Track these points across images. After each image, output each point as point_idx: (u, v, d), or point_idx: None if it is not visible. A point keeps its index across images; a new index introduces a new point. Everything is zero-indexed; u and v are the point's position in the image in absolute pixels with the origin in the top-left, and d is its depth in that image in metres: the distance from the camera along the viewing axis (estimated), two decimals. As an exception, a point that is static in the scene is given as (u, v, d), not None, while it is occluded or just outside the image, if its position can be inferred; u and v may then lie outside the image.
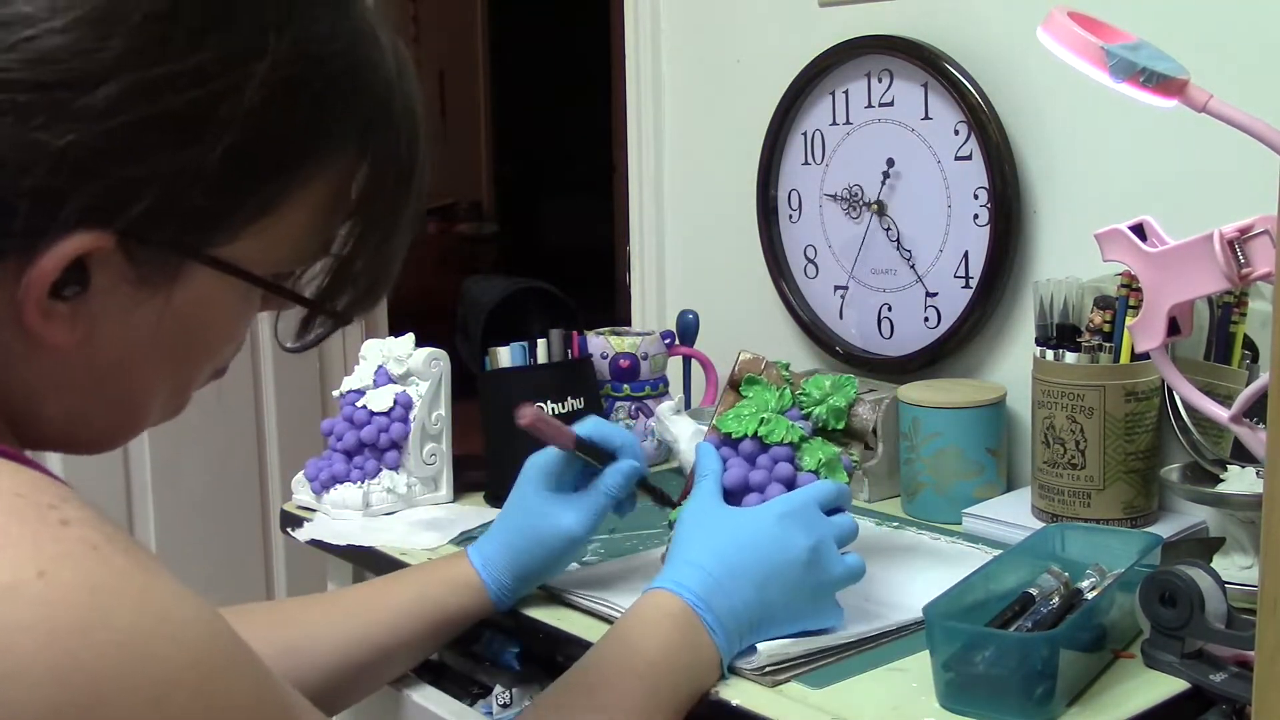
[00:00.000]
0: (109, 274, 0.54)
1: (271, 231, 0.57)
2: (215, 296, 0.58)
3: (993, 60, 1.37)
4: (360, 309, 0.64)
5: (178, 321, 0.57)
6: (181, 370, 0.62)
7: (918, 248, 1.46)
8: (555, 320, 1.45)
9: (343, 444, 1.38)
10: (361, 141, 0.59)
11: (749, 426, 1.01)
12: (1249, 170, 1.03)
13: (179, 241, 0.54)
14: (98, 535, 0.50)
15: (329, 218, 0.60)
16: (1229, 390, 1.11)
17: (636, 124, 1.83)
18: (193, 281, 0.56)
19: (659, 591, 0.90)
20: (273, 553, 2.56)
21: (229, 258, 0.56)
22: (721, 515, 0.96)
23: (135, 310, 0.55)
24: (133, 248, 0.53)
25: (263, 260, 0.58)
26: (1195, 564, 0.91)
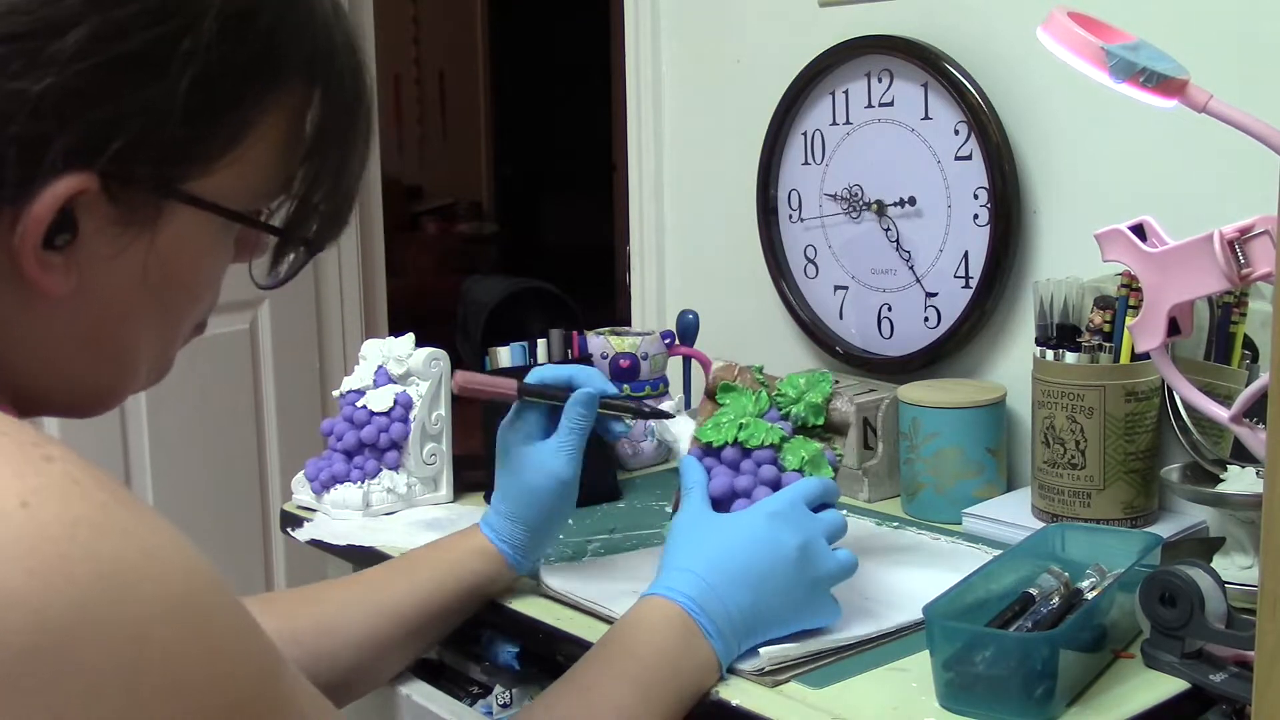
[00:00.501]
0: (95, 218, 0.57)
1: (239, 167, 0.61)
2: (194, 236, 0.61)
3: (993, 60, 1.37)
4: (326, 237, 0.68)
5: (161, 264, 0.60)
6: (168, 319, 0.65)
7: (917, 248, 1.46)
8: (555, 320, 1.45)
9: (343, 444, 1.38)
10: (309, 73, 0.63)
11: (728, 434, 1.02)
12: (1249, 170, 1.04)
13: (156, 177, 0.58)
14: (81, 472, 0.51)
15: (289, 151, 0.64)
16: (1229, 390, 1.11)
17: (636, 124, 1.83)
18: (173, 222, 0.60)
19: (653, 598, 0.91)
20: (273, 553, 2.56)
21: (203, 194, 0.60)
22: (710, 521, 0.96)
23: (122, 254, 0.59)
24: (115, 189, 0.57)
25: (234, 196, 0.61)
26: (1195, 564, 0.91)
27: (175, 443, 2.36)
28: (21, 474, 0.49)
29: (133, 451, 2.30)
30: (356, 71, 0.66)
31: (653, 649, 0.87)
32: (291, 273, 0.69)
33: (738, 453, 1.01)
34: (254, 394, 2.53)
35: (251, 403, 2.53)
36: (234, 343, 2.48)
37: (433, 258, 5.96)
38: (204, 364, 2.38)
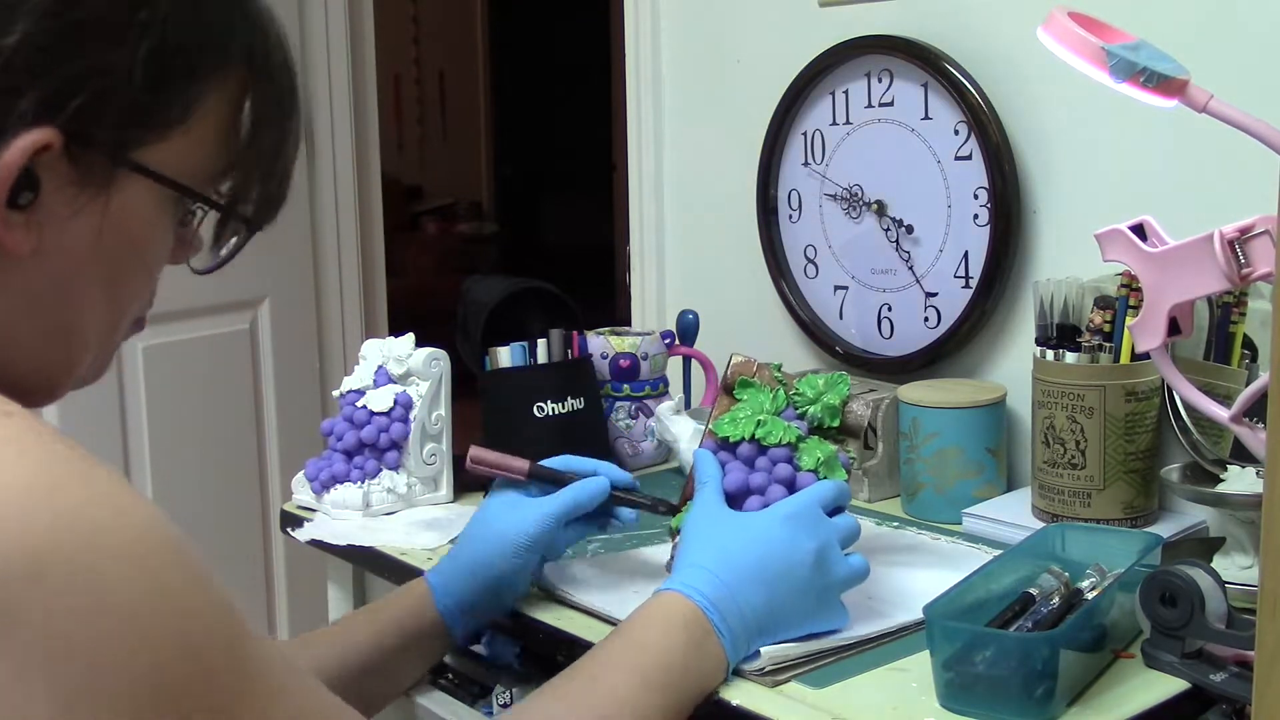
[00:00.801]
0: (55, 178, 0.60)
1: (186, 143, 0.65)
2: (143, 207, 0.65)
3: (993, 60, 1.37)
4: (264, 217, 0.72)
5: (113, 231, 0.63)
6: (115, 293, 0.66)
7: (917, 248, 1.46)
8: (555, 320, 1.45)
9: (343, 444, 1.38)
10: (249, 61, 0.68)
11: (746, 429, 1.01)
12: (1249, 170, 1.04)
13: (113, 141, 0.62)
14: (41, 426, 0.54)
15: (230, 133, 0.68)
16: (1228, 390, 1.11)
17: (636, 124, 1.83)
18: (125, 189, 0.63)
19: (669, 594, 0.90)
20: (273, 553, 2.56)
21: (153, 165, 0.64)
22: (727, 519, 0.96)
23: (78, 216, 0.62)
24: (74, 151, 0.60)
25: (180, 170, 0.65)
26: (1195, 564, 0.91)
27: (175, 443, 2.36)
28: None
29: (133, 451, 2.30)
30: (290, 65, 0.71)
31: (665, 645, 0.87)
32: (231, 253, 0.72)
33: (754, 449, 1.01)
34: (254, 394, 2.53)
35: (251, 403, 2.53)
36: (234, 343, 2.48)
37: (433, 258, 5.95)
38: (204, 364, 2.38)
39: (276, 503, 2.47)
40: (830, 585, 0.95)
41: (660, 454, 1.53)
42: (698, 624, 0.88)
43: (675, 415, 1.45)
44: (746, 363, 1.07)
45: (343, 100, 2.68)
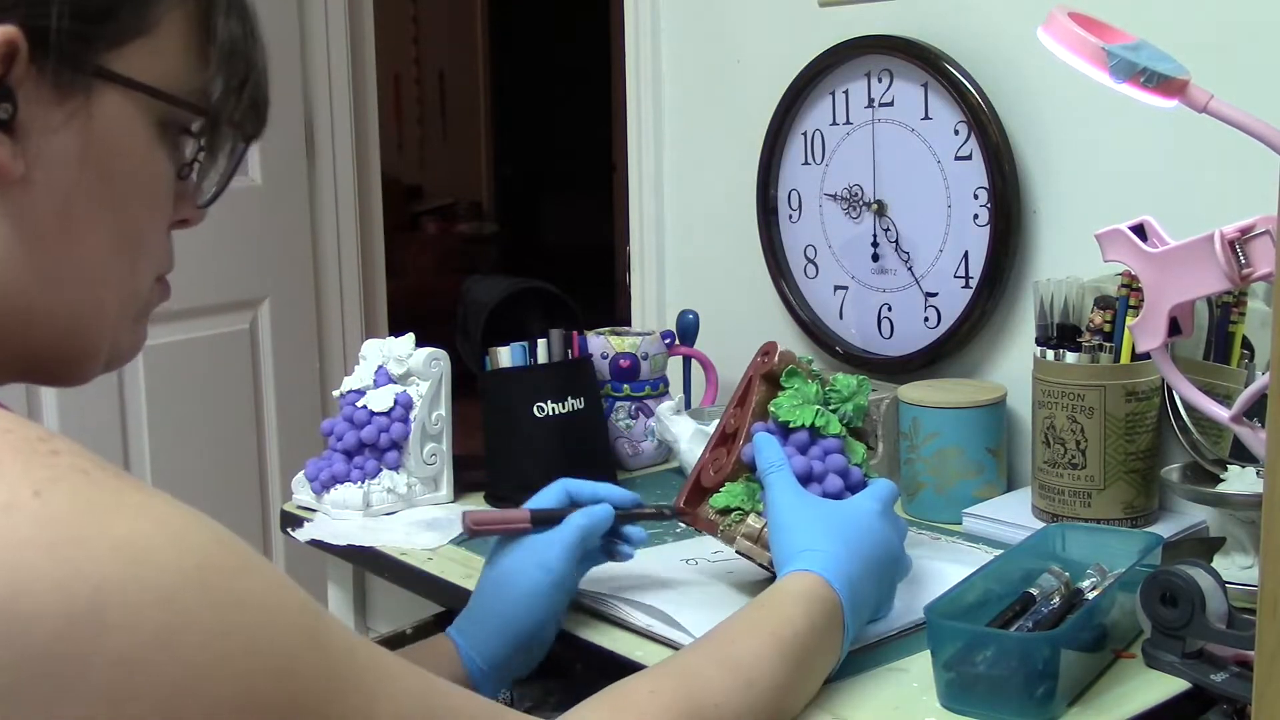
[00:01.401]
0: (28, 89, 0.58)
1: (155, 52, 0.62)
2: (128, 121, 0.62)
3: (993, 60, 1.37)
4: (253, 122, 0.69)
5: (101, 149, 0.61)
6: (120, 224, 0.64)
7: (917, 248, 1.46)
8: (555, 320, 1.45)
9: (343, 444, 1.38)
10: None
11: (806, 416, 1.02)
12: (1249, 170, 1.04)
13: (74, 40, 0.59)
14: (88, 463, 0.51)
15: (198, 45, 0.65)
16: (1228, 390, 1.11)
17: (636, 124, 1.83)
18: (105, 103, 0.61)
19: (810, 575, 0.89)
20: (273, 553, 2.56)
21: (126, 72, 0.61)
22: (828, 506, 0.96)
23: (60, 132, 0.59)
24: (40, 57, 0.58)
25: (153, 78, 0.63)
26: (1196, 564, 0.91)
27: (175, 443, 2.36)
28: (30, 467, 0.49)
29: (133, 451, 2.30)
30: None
31: (807, 623, 0.86)
32: (231, 170, 0.70)
33: (807, 438, 1.02)
34: (254, 394, 2.53)
35: (251, 403, 2.53)
36: (234, 343, 2.48)
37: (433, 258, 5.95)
38: (204, 364, 2.38)
39: (276, 503, 2.47)
40: (899, 577, 0.99)
41: (660, 454, 1.53)
42: (833, 606, 0.88)
43: (675, 415, 1.45)
44: (789, 353, 1.07)
45: (343, 100, 2.68)
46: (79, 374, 0.66)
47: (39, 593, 0.46)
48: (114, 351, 0.67)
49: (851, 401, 1.05)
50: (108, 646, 0.47)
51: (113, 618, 0.47)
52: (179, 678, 0.48)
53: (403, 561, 1.24)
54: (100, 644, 0.47)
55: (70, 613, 0.46)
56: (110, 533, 0.49)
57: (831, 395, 1.05)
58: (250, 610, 0.51)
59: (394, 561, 1.25)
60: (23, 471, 0.49)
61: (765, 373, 1.06)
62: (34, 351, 0.62)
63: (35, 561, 0.47)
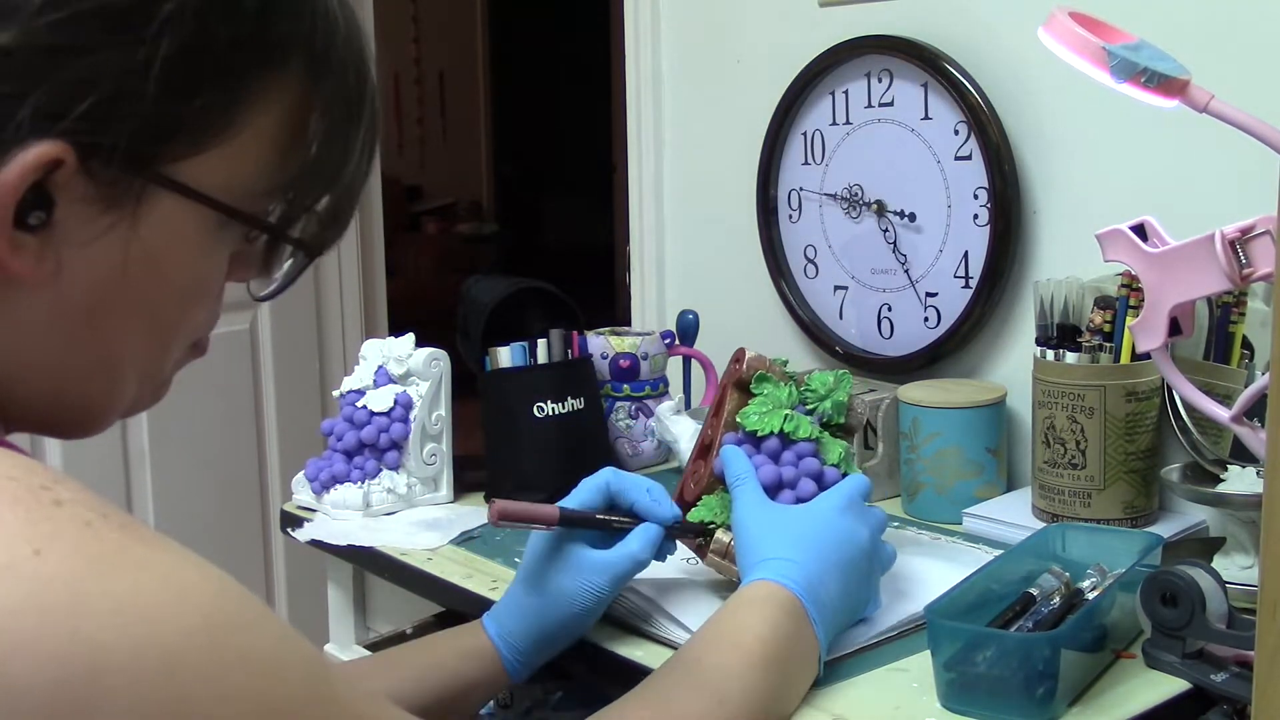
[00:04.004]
0: (72, 197, 0.54)
1: (229, 158, 0.58)
2: (180, 227, 0.58)
3: (993, 60, 1.37)
4: (325, 240, 0.64)
5: (145, 256, 0.57)
6: (155, 323, 0.61)
7: (917, 248, 1.46)
8: (555, 320, 1.45)
9: (343, 444, 1.38)
10: (308, 62, 0.59)
11: (773, 423, 1.01)
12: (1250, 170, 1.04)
13: (132, 152, 0.54)
14: (91, 514, 0.49)
15: (285, 146, 0.60)
16: (1228, 390, 1.11)
17: (636, 124, 1.83)
18: (157, 209, 0.56)
19: (761, 582, 0.89)
20: (273, 553, 2.56)
21: (188, 180, 0.56)
22: (787, 513, 0.96)
23: (101, 239, 0.55)
24: (92, 166, 0.53)
25: (224, 189, 0.58)
26: (1196, 564, 0.91)
27: (175, 443, 2.36)
28: (32, 520, 0.48)
29: (133, 452, 2.30)
30: (360, 64, 0.62)
31: (767, 626, 0.85)
32: (289, 280, 0.65)
33: (779, 444, 1.01)
34: (254, 394, 2.53)
35: (251, 403, 2.53)
36: (234, 343, 2.48)
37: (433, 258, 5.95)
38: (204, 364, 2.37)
39: (276, 503, 2.47)
40: (875, 571, 0.97)
41: (660, 454, 1.53)
42: (795, 609, 0.87)
43: (675, 415, 1.45)
44: (759, 358, 1.06)
45: (343, 100, 2.68)
46: (93, 431, 0.64)
47: (34, 658, 0.45)
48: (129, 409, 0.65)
49: (829, 399, 1.05)
50: (106, 708, 0.46)
51: (112, 682, 0.46)
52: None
53: (403, 561, 1.24)
54: (99, 706, 0.46)
55: (67, 680, 0.45)
56: (111, 591, 0.47)
57: (807, 395, 1.05)
58: (254, 668, 0.50)
59: (394, 561, 1.25)
60: (23, 526, 0.47)
61: (736, 380, 1.06)
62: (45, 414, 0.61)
63: (31, 626, 0.45)
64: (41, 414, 0.60)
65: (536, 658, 0.98)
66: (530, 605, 0.97)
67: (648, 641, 1.01)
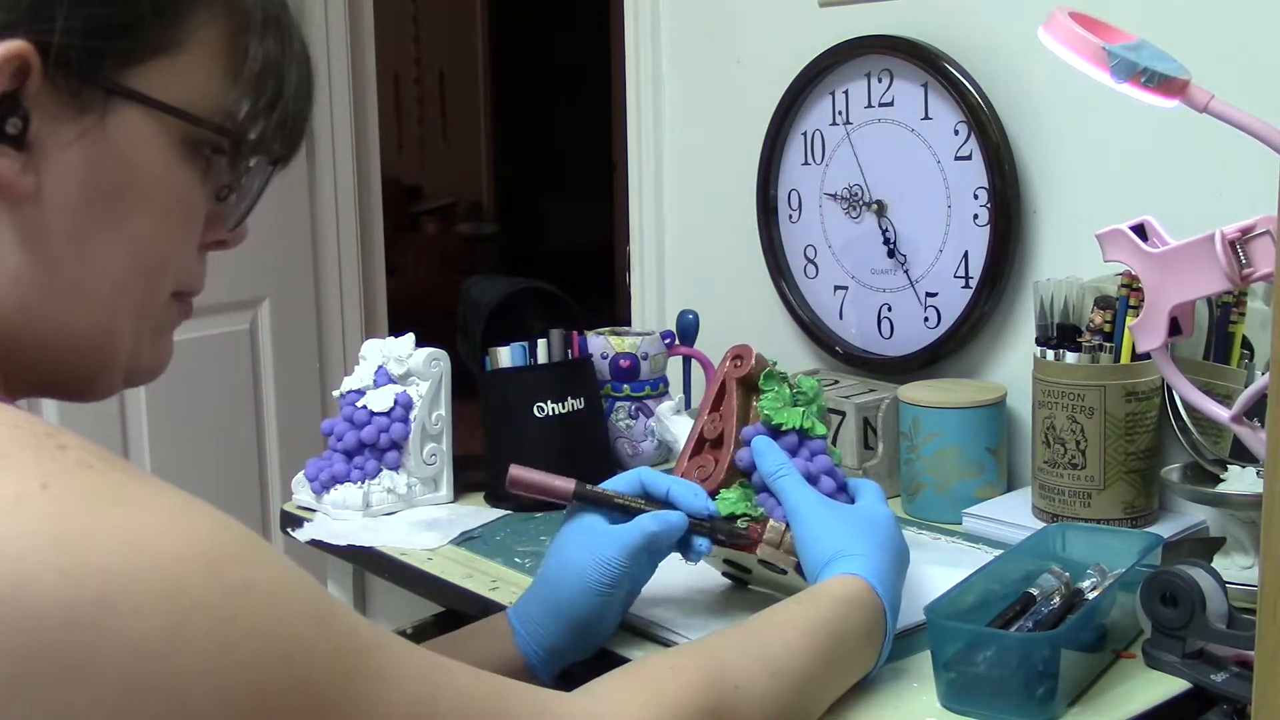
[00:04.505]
0: (42, 104, 0.57)
1: (180, 70, 0.61)
2: (148, 140, 0.61)
3: (993, 60, 1.37)
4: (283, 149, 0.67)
5: (115, 167, 0.60)
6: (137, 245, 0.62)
7: (917, 248, 1.46)
8: (555, 320, 1.45)
9: (343, 444, 1.38)
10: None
11: (795, 419, 1.02)
12: (1250, 171, 1.04)
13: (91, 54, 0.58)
14: (93, 458, 0.51)
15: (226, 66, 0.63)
16: (1228, 390, 1.11)
17: (636, 124, 1.83)
18: (123, 122, 0.60)
19: (849, 577, 0.89)
20: (273, 553, 2.56)
21: (145, 89, 0.60)
22: (850, 510, 0.96)
23: (74, 147, 0.58)
24: (54, 73, 0.57)
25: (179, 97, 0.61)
26: (1196, 564, 0.91)
27: (175, 442, 2.36)
28: (39, 459, 0.50)
29: (133, 452, 2.30)
30: None
31: (846, 626, 0.86)
32: (256, 194, 0.68)
33: (796, 440, 1.02)
34: (254, 394, 2.53)
35: (251, 403, 2.53)
36: (234, 343, 2.48)
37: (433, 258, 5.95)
38: (204, 364, 2.38)
39: (276, 503, 2.47)
40: None
41: (660, 454, 1.53)
42: (877, 613, 0.88)
43: (675, 415, 1.45)
44: (761, 356, 1.07)
45: (343, 100, 2.68)
46: (96, 390, 0.65)
47: (46, 583, 0.47)
48: (133, 367, 0.66)
49: (815, 403, 1.05)
50: (116, 635, 0.47)
51: (120, 606, 0.47)
52: (187, 665, 0.49)
53: (403, 561, 1.24)
54: (108, 633, 0.47)
55: (77, 601, 0.47)
56: (117, 524, 0.49)
57: (799, 397, 1.05)
58: (256, 596, 0.51)
59: (394, 561, 1.25)
60: (31, 464, 0.50)
61: (741, 376, 1.06)
62: (50, 367, 0.62)
63: (42, 553, 0.47)
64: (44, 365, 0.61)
65: (560, 647, 0.94)
66: (542, 581, 0.95)
67: (650, 644, 1.01)
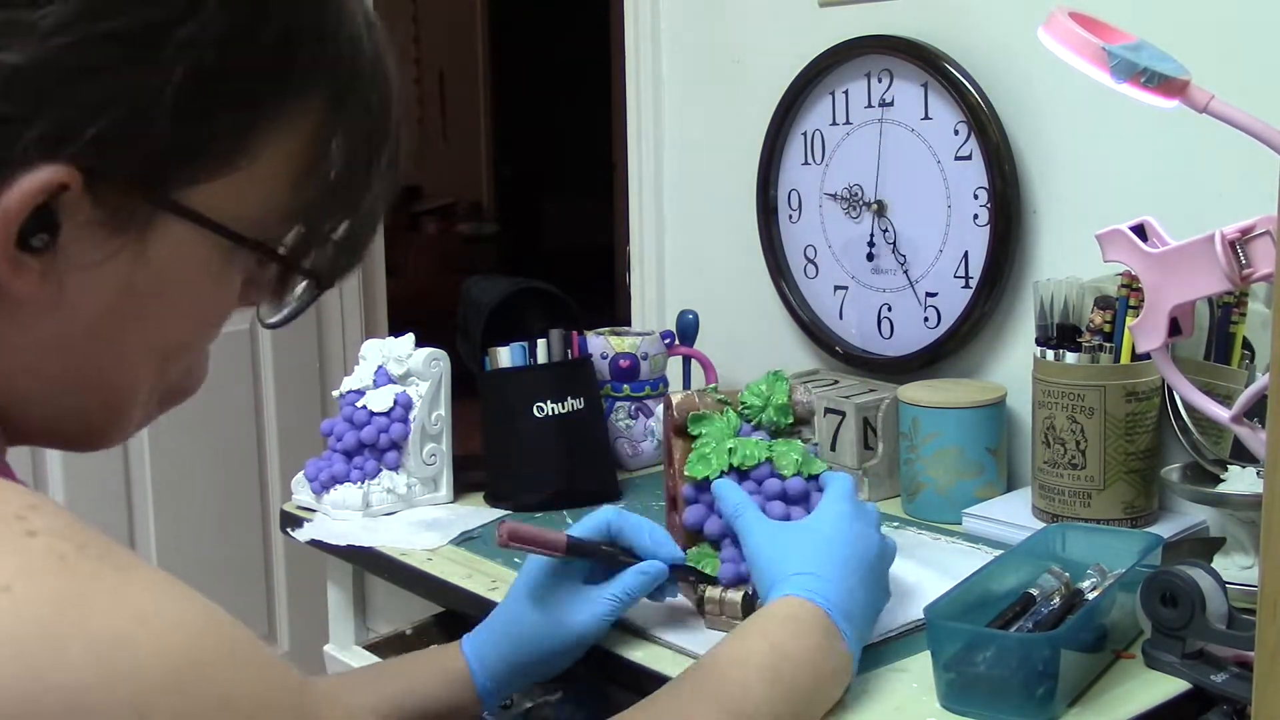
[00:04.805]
0: (77, 220, 0.52)
1: (241, 185, 0.55)
2: (189, 253, 0.55)
3: (993, 60, 1.37)
4: (338, 272, 0.62)
5: (152, 280, 0.55)
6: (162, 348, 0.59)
7: (917, 248, 1.46)
8: (555, 320, 1.45)
9: (343, 444, 1.38)
10: (331, 92, 0.57)
11: (720, 463, 1.01)
12: (1250, 171, 1.04)
13: (142, 178, 0.52)
14: (67, 545, 0.47)
15: (301, 176, 0.58)
16: (1229, 390, 1.11)
17: (636, 123, 1.83)
18: (166, 235, 0.54)
19: (789, 598, 0.88)
20: (273, 553, 2.56)
21: (199, 207, 0.54)
22: (798, 529, 0.95)
23: (107, 263, 0.53)
24: (99, 188, 0.51)
25: (235, 217, 0.56)
26: (1196, 564, 0.91)
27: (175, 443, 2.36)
28: (3, 553, 0.46)
29: (132, 452, 2.30)
30: (385, 90, 0.60)
31: (797, 646, 0.85)
32: (299, 309, 0.63)
33: (734, 478, 1.01)
34: (254, 394, 2.53)
35: (251, 403, 2.53)
36: (234, 343, 2.48)
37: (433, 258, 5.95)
38: (204, 364, 2.38)
39: (276, 503, 2.47)
40: (886, 565, 0.97)
41: (660, 454, 1.53)
42: (824, 625, 0.87)
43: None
44: (687, 398, 1.06)
45: (343, 100, 2.68)
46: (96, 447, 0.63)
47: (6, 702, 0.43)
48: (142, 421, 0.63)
49: (769, 406, 1.04)
50: None
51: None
52: None
53: (403, 561, 1.24)
54: None
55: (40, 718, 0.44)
56: (85, 632, 0.45)
57: (747, 412, 1.04)
58: (232, 711, 0.48)
59: (394, 561, 1.25)
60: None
61: (677, 427, 1.05)
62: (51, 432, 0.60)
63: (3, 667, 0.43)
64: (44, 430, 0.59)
65: (509, 685, 0.97)
66: (510, 634, 0.96)
67: (649, 643, 1.01)
